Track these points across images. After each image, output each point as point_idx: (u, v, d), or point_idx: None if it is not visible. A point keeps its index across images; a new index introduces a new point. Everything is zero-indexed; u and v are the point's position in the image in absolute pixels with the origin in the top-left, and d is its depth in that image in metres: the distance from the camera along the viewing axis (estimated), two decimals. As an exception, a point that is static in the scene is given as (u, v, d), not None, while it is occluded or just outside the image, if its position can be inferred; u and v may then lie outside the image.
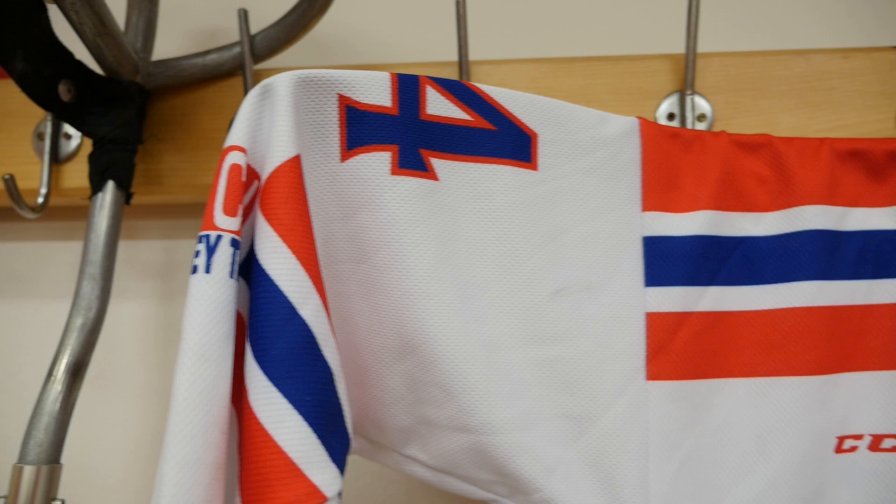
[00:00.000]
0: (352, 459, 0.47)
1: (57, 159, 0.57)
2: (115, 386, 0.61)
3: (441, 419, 0.42)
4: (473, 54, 0.55)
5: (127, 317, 0.62)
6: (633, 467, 0.43)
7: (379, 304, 0.41)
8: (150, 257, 0.63)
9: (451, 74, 0.54)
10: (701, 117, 0.53)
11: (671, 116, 0.54)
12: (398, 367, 0.42)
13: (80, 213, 0.52)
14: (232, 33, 0.54)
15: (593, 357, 0.44)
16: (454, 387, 0.41)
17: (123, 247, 0.62)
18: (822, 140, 0.47)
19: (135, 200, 0.56)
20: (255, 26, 0.55)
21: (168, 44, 0.62)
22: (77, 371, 0.48)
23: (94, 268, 0.50)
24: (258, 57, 0.55)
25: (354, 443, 0.45)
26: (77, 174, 0.57)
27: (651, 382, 0.44)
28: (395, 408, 0.43)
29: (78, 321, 0.49)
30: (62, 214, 0.62)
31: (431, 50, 0.59)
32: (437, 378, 0.41)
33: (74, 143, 0.58)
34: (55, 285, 0.63)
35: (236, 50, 0.55)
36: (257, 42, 0.55)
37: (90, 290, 0.50)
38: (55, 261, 0.63)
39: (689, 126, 0.53)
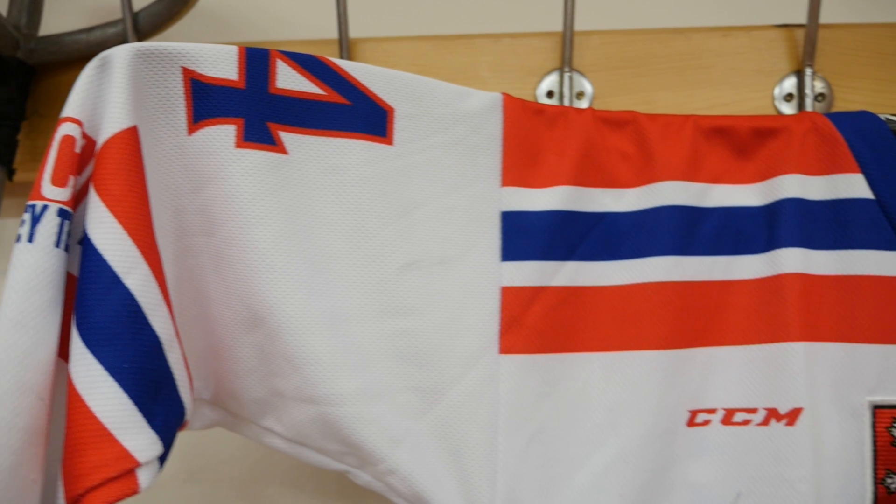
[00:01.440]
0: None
1: (-54, 136, 0.57)
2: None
3: (289, 390, 0.42)
4: (357, 32, 0.55)
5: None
6: (482, 439, 0.44)
7: (228, 277, 0.42)
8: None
9: (334, 52, 0.54)
10: (580, 95, 0.54)
11: (550, 94, 0.54)
12: (248, 339, 0.42)
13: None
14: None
15: (445, 330, 0.44)
16: (298, 358, 0.41)
17: (13, 225, 0.62)
18: (687, 117, 0.47)
19: (25, 178, 0.56)
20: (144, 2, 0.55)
21: (68, 20, 0.62)
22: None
23: (-29, 243, 0.51)
24: (142, 34, 0.55)
25: (216, 414, 0.46)
26: (-35, 150, 0.57)
27: (504, 356, 0.44)
28: (249, 380, 0.43)
29: (-50, 295, 0.49)
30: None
31: (324, 26, 0.59)
32: (283, 349, 0.41)
33: (-37, 119, 0.58)
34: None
35: (120, 27, 0.55)
36: (141, 19, 0.55)
37: (-35, 264, 0.50)
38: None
39: (567, 104, 0.53)
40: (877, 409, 0.45)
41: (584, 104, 0.54)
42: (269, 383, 0.43)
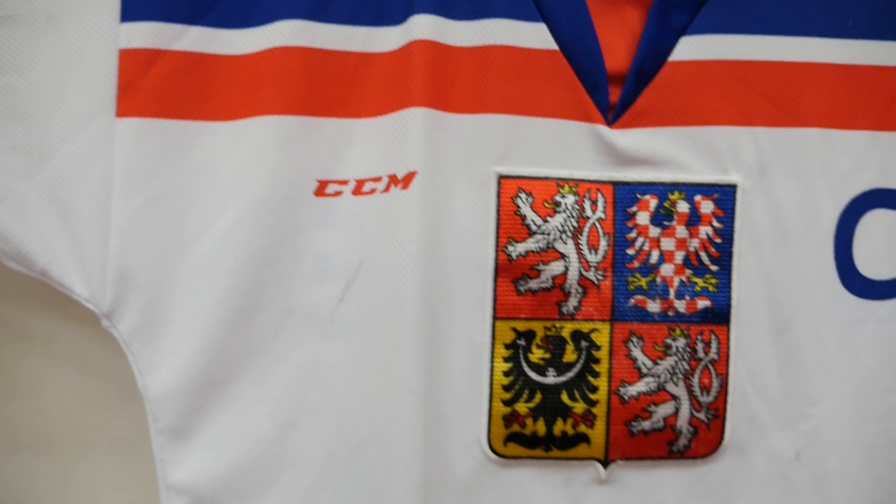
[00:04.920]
0: None
1: None
2: None
3: None
4: None
5: None
6: (94, 202, 0.43)
7: None
8: None
9: None
10: None
11: None
12: None
13: None
14: None
15: (51, 89, 0.42)
16: None
17: None
18: None
19: None
20: None
21: None
22: None
23: None
24: None
25: None
26: None
27: (120, 119, 0.43)
28: None
29: None
30: None
31: None
32: None
33: None
34: None
35: None
36: None
37: None
38: None
39: None
40: (502, 178, 0.45)
41: None
42: None
